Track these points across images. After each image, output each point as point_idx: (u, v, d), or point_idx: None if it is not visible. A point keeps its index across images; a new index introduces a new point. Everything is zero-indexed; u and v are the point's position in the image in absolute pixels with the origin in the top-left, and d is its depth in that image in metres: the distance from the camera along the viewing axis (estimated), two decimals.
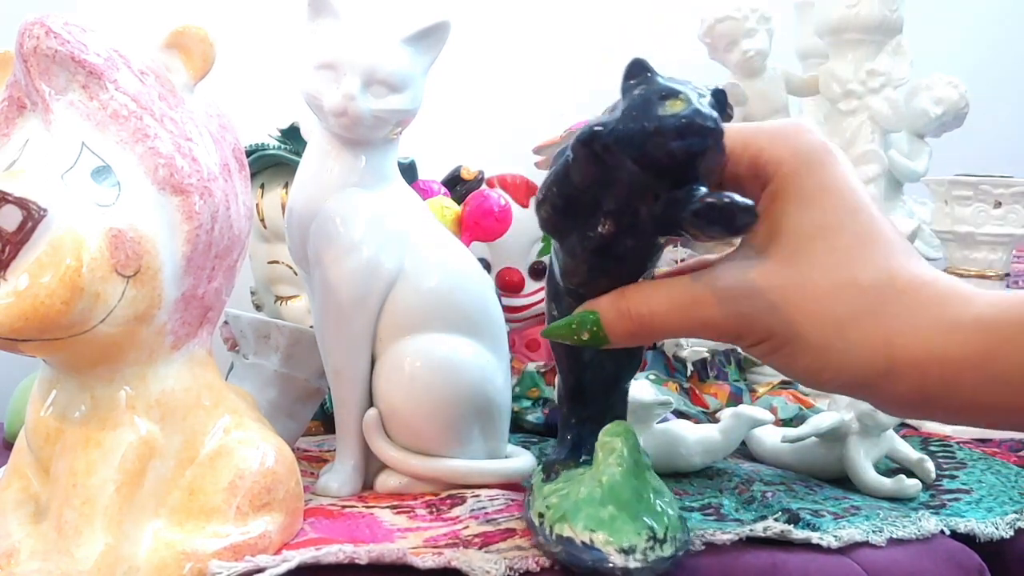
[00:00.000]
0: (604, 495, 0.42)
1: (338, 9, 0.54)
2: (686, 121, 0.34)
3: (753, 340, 0.36)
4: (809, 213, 0.36)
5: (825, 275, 0.35)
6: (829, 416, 0.60)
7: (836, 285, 0.35)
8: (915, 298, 0.34)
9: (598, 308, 0.39)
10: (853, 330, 0.34)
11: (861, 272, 0.35)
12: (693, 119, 0.34)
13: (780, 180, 0.37)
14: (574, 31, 1.06)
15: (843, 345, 0.34)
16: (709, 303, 0.36)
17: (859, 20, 0.84)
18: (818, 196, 0.36)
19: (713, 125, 0.35)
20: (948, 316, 0.34)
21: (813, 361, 0.35)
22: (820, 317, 0.35)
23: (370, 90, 0.53)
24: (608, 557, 0.40)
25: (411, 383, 0.55)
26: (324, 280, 0.55)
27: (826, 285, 0.35)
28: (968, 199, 0.77)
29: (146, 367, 0.43)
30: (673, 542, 0.41)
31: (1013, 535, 0.51)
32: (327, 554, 0.42)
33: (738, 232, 0.34)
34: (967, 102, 0.94)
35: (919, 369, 0.34)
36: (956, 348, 0.33)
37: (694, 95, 0.36)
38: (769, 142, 0.37)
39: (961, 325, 0.33)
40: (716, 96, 0.37)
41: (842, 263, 0.35)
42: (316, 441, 0.70)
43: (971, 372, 0.33)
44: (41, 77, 0.40)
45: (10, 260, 0.37)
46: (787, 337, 0.35)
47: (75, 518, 0.40)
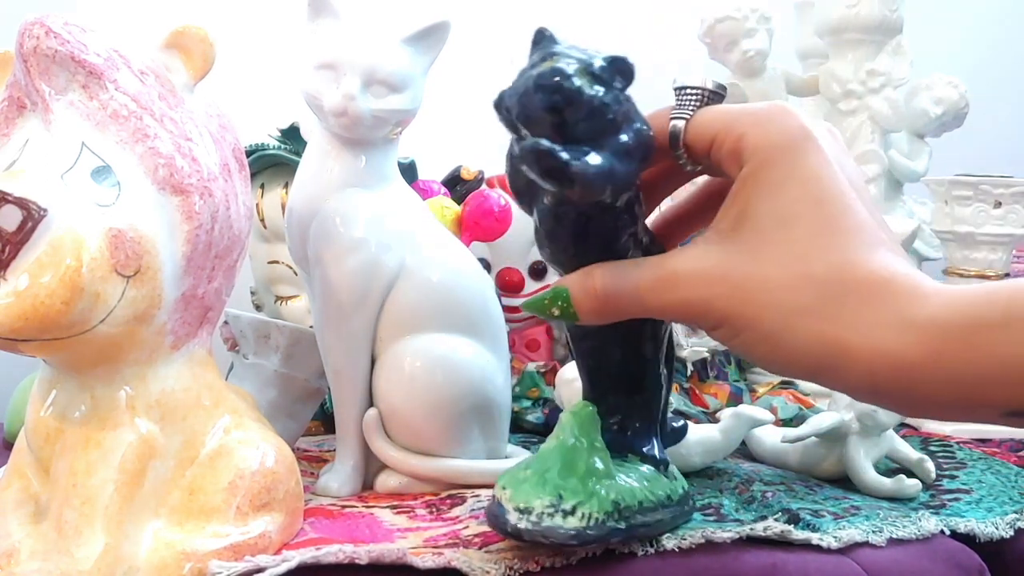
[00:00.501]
0: (531, 460, 0.44)
1: (338, 9, 0.54)
2: (543, 77, 0.37)
3: (712, 324, 0.37)
4: (773, 202, 0.37)
5: (781, 267, 0.36)
6: (829, 416, 0.60)
7: (791, 277, 0.35)
8: (869, 294, 0.34)
9: (567, 284, 0.40)
10: (805, 323, 0.35)
11: (816, 265, 0.35)
12: (548, 75, 0.37)
13: (753, 166, 0.37)
14: (574, 31, 1.06)
15: (794, 337, 0.35)
16: (672, 286, 0.38)
17: (859, 20, 0.84)
18: (784, 186, 0.37)
19: (565, 82, 0.37)
20: (902, 315, 0.34)
21: (767, 350, 0.36)
22: (774, 308, 0.36)
23: (370, 90, 0.53)
24: (506, 513, 0.41)
25: (411, 383, 0.55)
26: (324, 280, 0.55)
27: (781, 277, 0.36)
28: (968, 199, 0.77)
29: (146, 367, 0.43)
30: (584, 519, 0.41)
31: (1013, 535, 0.51)
32: (327, 554, 0.42)
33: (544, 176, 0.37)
34: (967, 102, 0.94)
35: (870, 366, 0.34)
36: (908, 348, 0.33)
37: (571, 59, 0.38)
38: (752, 126, 0.38)
39: (914, 325, 0.33)
40: (614, 63, 0.38)
41: (798, 256, 0.36)
42: (316, 441, 0.70)
43: (922, 372, 0.33)
44: (41, 77, 0.40)
45: (10, 260, 0.37)
46: (742, 325, 0.36)
47: (75, 518, 0.40)
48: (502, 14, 1.03)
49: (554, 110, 0.37)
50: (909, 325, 0.33)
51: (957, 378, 0.33)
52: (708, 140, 0.39)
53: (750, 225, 0.37)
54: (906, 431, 0.72)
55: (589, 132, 0.38)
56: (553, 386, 0.71)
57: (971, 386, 0.33)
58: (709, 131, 0.39)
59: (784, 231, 0.36)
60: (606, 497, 0.42)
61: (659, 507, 0.45)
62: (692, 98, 0.41)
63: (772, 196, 0.37)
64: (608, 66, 0.38)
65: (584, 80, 0.37)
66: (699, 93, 0.41)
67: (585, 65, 0.38)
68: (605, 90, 0.38)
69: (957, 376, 0.33)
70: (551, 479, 0.42)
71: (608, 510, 0.42)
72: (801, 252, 0.36)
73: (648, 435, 0.48)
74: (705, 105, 0.41)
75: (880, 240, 0.36)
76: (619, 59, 0.39)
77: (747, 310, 0.36)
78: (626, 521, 0.42)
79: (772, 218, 0.36)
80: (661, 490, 0.46)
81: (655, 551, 0.45)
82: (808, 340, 0.35)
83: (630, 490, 0.43)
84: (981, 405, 0.33)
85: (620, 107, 0.38)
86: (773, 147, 0.37)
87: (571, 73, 0.37)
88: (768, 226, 0.36)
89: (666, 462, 0.48)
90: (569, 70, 0.37)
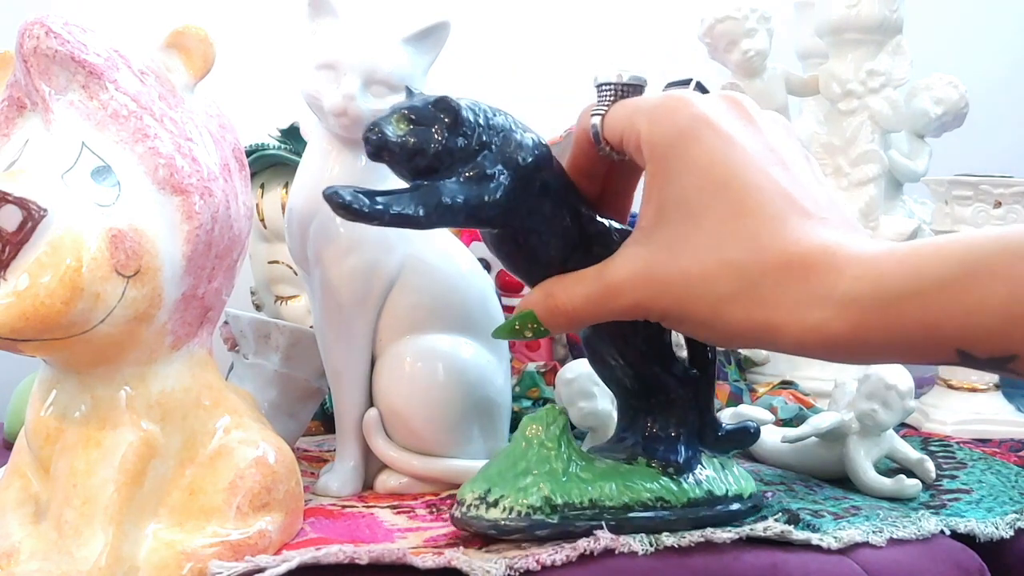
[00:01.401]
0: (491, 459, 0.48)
1: (338, 9, 0.54)
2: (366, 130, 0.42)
3: (657, 318, 0.39)
4: (677, 195, 0.38)
5: (697, 259, 0.37)
6: (829, 416, 0.60)
7: (708, 268, 0.36)
8: (786, 274, 0.35)
9: (531, 307, 0.43)
10: (731, 309, 0.36)
11: (729, 252, 0.36)
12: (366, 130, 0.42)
13: (653, 162, 0.38)
14: (574, 31, 1.06)
15: (725, 323, 0.36)
16: (614, 294, 0.39)
17: (859, 20, 0.84)
18: (684, 177, 0.37)
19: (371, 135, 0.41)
20: (818, 292, 0.34)
21: (709, 335, 0.39)
22: (699, 300, 0.37)
23: (370, 90, 0.53)
24: (456, 504, 0.46)
25: (411, 383, 0.55)
26: (324, 280, 0.55)
27: (699, 269, 0.37)
28: (968, 199, 0.77)
29: (146, 367, 0.43)
30: (506, 511, 0.44)
31: (1013, 535, 0.51)
32: (327, 554, 0.42)
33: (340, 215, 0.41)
34: (967, 102, 0.94)
35: (800, 342, 0.35)
36: (830, 323, 0.34)
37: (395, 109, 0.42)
38: (647, 123, 0.39)
39: (832, 300, 0.34)
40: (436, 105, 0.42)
41: (711, 245, 0.36)
42: (316, 441, 0.70)
43: (849, 344, 0.34)
44: (41, 77, 0.40)
45: (10, 260, 0.37)
46: (678, 317, 0.38)
47: (75, 518, 0.40)
48: (502, 14, 1.03)
49: (377, 156, 0.41)
50: (827, 301, 0.34)
51: (883, 348, 0.34)
52: (618, 137, 0.41)
53: (664, 220, 0.38)
54: (906, 431, 0.72)
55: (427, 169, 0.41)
56: (553, 386, 0.71)
57: (899, 354, 0.34)
58: (618, 128, 0.41)
59: (693, 221, 0.37)
60: (536, 493, 0.44)
61: (627, 507, 0.46)
62: (607, 93, 0.43)
63: (675, 189, 0.38)
64: (431, 108, 0.42)
65: (399, 127, 0.41)
66: (613, 88, 0.43)
67: (404, 113, 0.41)
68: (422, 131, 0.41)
69: (883, 346, 0.34)
70: (488, 474, 0.46)
71: (536, 504, 0.44)
72: (713, 241, 0.36)
73: (665, 439, 0.49)
74: (621, 98, 0.42)
75: (799, 207, 0.36)
76: (440, 100, 0.42)
77: (677, 305, 0.38)
78: (560, 516, 0.45)
79: (680, 211, 0.37)
80: (649, 492, 0.47)
81: (655, 550, 0.45)
82: (739, 323, 0.36)
83: (580, 490, 0.45)
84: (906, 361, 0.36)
85: (447, 143, 0.41)
86: (666, 141, 0.38)
87: (383, 124, 0.41)
88: (678, 219, 0.37)
89: (679, 465, 0.48)
90: (384, 121, 0.41)
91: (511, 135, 0.43)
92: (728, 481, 0.50)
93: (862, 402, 0.59)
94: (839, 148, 0.87)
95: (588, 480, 0.46)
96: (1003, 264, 0.31)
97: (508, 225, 0.44)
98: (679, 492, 0.47)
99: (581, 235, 0.45)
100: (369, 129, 0.41)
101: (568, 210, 0.45)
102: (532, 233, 0.44)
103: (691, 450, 0.49)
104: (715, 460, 0.51)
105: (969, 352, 0.32)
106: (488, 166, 0.42)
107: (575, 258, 0.44)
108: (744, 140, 0.37)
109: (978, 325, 0.31)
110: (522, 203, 0.43)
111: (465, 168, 0.42)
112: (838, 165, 0.87)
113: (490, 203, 0.42)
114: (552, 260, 0.44)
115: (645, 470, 0.48)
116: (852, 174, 0.86)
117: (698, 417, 0.50)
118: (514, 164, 0.43)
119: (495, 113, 0.44)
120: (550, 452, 0.46)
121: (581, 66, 1.03)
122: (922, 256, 0.33)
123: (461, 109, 0.42)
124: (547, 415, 0.47)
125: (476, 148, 0.42)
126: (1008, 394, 0.77)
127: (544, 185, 0.44)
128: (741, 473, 0.51)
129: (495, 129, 0.43)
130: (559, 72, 1.01)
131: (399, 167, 0.42)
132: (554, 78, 1.00)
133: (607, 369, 0.50)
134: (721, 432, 0.51)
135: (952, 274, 0.32)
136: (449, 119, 0.42)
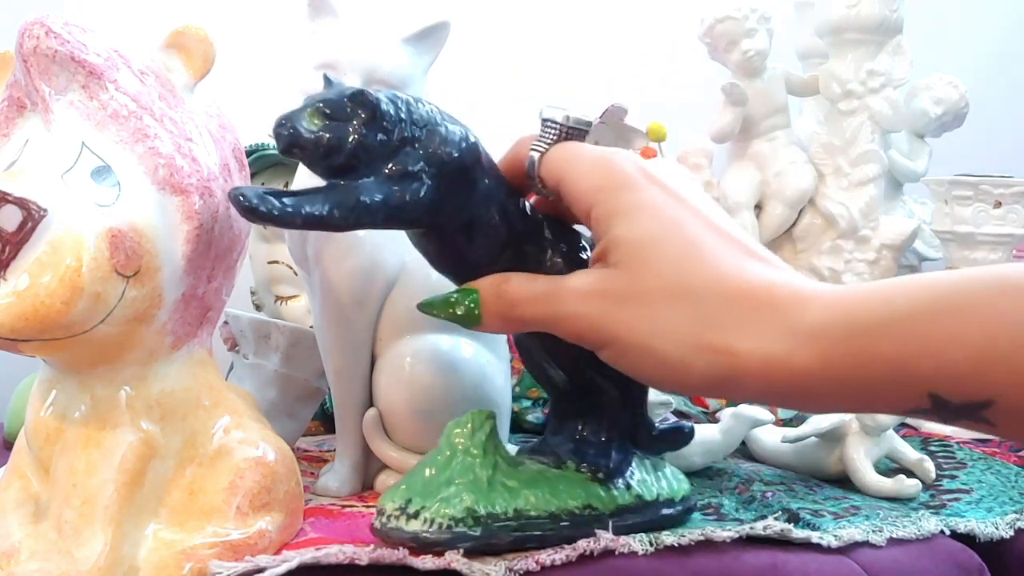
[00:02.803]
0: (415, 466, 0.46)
1: (338, 9, 0.54)
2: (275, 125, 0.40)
3: (599, 343, 0.37)
4: (633, 226, 0.37)
5: (658, 280, 0.36)
6: (829, 416, 0.60)
7: (669, 290, 0.35)
8: (751, 304, 0.34)
9: (479, 286, 0.41)
10: (690, 333, 0.35)
11: (691, 278, 0.35)
12: (276, 124, 0.40)
13: (601, 206, 0.38)
14: (574, 31, 1.06)
15: (683, 354, 0.35)
16: (564, 300, 0.38)
17: (859, 20, 0.84)
18: (637, 211, 0.37)
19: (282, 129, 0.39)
20: (784, 324, 0.33)
21: (657, 369, 0.36)
22: (658, 321, 0.35)
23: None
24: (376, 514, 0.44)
25: (411, 383, 0.55)
26: (324, 280, 0.55)
27: (659, 290, 0.36)
28: (968, 199, 0.77)
29: (146, 367, 0.43)
30: (426, 523, 0.42)
31: (1013, 535, 0.51)
32: (328, 555, 0.42)
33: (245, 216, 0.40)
34: (967, 102, 0.94)
35: (763, 377, 0.34)
36: (796, 355, 0.33)
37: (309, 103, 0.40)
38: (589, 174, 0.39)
39: (799, 332, 0.33)
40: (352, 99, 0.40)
41: (672, 272, 0.36)
42: (316, 441, 0.70)
43: (814, 378, 0.33)
44: (41, 77, 0.40)
45: (10, 260, 0.37)
46: (629, 344, 0.36)
47: (75, 518, 0.40)
48: (502, 14, 1.03)
49: (288, 153, 0.39)
50: (794, 332, 0.33)
51: (852, 387, 0.32)
52: (555, 180, 0.40)
53: (620, 253, 0.37)
54: (906, 431, 0.72)
55: (344, 167, 0.39)
56: None
57: (863, 389, 0.32)
58: (557, 172, 0.40)
59: (653, 249, 0.36)
60: (458, 504, 0.43)
61: (553, 517, 0.45)
62: (551, 131, 0.42)
63: (632, 221, 0.37)
64: (347, 101, 0.40)
65: (313, 122, 0.39)
66: (557, 128, 0.41)
67: (318, 107, 0.39)
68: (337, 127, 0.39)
69: (851, 385, 0.32)
70: (409, 484, 0.44)
71: (458, 516, 0.42)
72: (674, 268, 0.36)
73: (595, 442, 0.48)
74: (563, 140, 0.41)
75: (751, 252, 0.36)
76: (357, 93, 0.40)
77: (632, 328, 0.36)
78: (483, 528, 0.43)
79: (638, 244, 0.37)
80: (575, 500, 0.45)
81: (655, 550, 0.45)
82: (700, 357, 0.34)
83: (505, 499, 0.44)
84: (877, 407, 0.33)
85: (365, 138, 0.39)
86: (616, 186, 0.38)
87: (295, 118, 0.39)
88: (635, 252, 0.37)
89: (609, 470, 0.47)
90: (297, 115, 0.39)
91: (436, 129, 0.41)
92: (660, 484, 0.49)
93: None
94: (839, 148, 0.87)
95: (514, 488, 0.44)
96: (979, 300, 0.30)
97: (433, 225, 0.42)
98: (607, 498, 0.46)
99: (511, 233, 0.43)
100: (279, 123, 0.39)
101: (497, 208, 0.43)
102: (458, 232, 0.42)
103: (622, 454, 0.48)
104: (647, 462, 0.50)
105: (942, 396, 0.31)
106: (411, 163, 0.40)
107: (505, 257, 0.43)
108: (687, 194, 0.38)
109: (952, 364, 0.30)
110: (448, 202, 0.41)
111: (386, 166, 0.40)
112: (838, 165, 0.87)
113: (413, 203, 0.40)
114: (480, 260, 0.42)
115: (573, 475, 0.47)
116: (852, 174, 0.86)
117: (631, 418, 0.48)
118: (439, 160, 0.40)
119: (418, 105, 0.41)
120: (475, 460, 0.44)
121: (581, 66, 1.03)
122: (894, 289, 0.32)
123: (380, 102, 0.40)
124: (473, 419, 0.45)
125: (397, 144, 0.40)
126: None
127: (472, 182, 0.42)
128: (675, 474, 0.50)
129: (418, 123, 0.41)
130: (559, 72, 1.01)
131: (314, 165, 0.40)
132: (554, 78, 1.00)
133: (539, 370, 0.49)
134: (655, 433, 0.50)
135: (925, 307, 0.31)
136: (367, 113, 0.39)
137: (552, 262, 0.44)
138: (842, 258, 0.87)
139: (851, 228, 0.86)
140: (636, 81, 1.00)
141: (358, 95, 0.40)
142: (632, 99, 0.77)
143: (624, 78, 1.01)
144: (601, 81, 0.99)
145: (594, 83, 0.98)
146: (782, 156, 0.88)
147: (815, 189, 0.87)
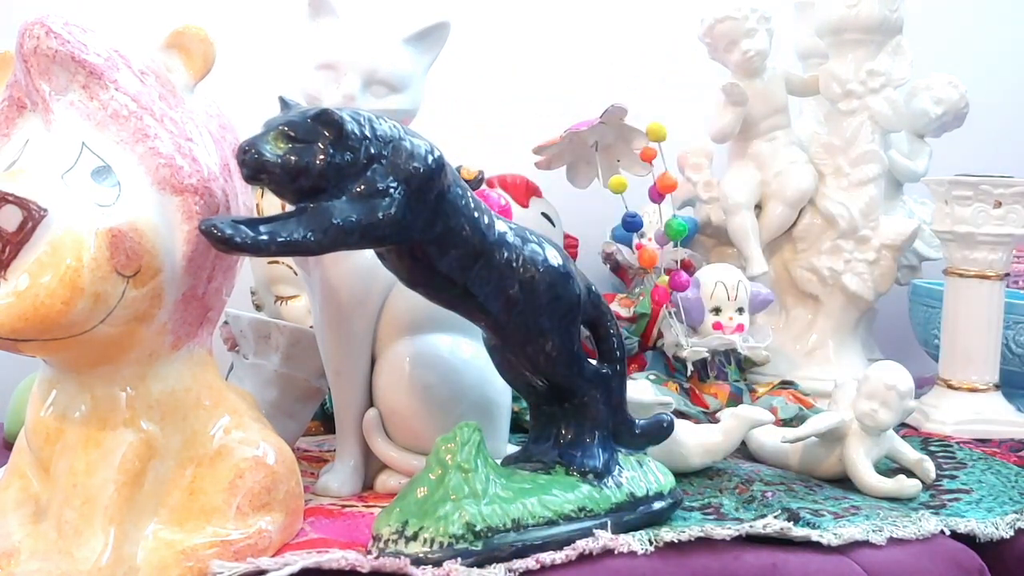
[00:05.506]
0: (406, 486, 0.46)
1: (338, 9, 0.54)
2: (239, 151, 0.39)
3: None
4: None
5: None
6: (829, 416, 0.60)
7: None
8: None
9: None
10: None
11: None
12: (240, 150, 0.39)
13: None
14: (574, 32, 1.06)
15: None
16: None
17: (859, 20, 0.84)
18: None
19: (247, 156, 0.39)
20: None
21: None
22: None
23: (370, 90, 0.53)
24: (372, 540, 0.43)
25: (411, 383, 0.55)
26: (324, 280, 0.55)
27: None
28: (968, 199, 0.77)
29: (146, 367, 0.43)
30: (427, 543, 0.42)
31: (1013, 535, 0.51)
32: (330, 560, 0.42)
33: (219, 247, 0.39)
34: (967, 102, 0.94)
35: None
36: None
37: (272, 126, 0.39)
38: None
39: None
40: (316, 119, 0.39)
41: None
42: (316, 441, 0.70)
43: None
44: (41, 77, 0.40)
45: (10, 260, 0.37)
46: None
47: (75, 518, 0.40)
48: (502, 14, 1.03)
49: (255, 179, 0.39)
50: None
51: None
52: None
53: None
54: (906, 431, 0.72)
55: (312, 189, 0.39)
56: None
57: None
58: None
59: None
60: (457, 520, 0.42)
61: (551, 523, 0.45)
62: None
63: None
64: (312, 122, 0.39)
65: (278, 145, 0.38)
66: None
67: (281, 129, 0.39)
68: (303, 149, 0.38)
69: None
70: (402, 506, 0.44)
71: (457, 533, 0.42)
72: None
73: (581, 444, 0.48)
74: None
75: None
76: (321, 113, 0.39)
77: None
78: (484, 542, 0.43)
79: None
80: (570, 503, 0.46)
81: (655, 549, 0.45)
82: None
83: (502, 511, 0.44)
84: None
85: (332, 159, 0.39)
86: None
87: (258, 143, 0.38)
88: None
89: (599, 471, 0.47)
90: (259, 140, 0.39)
91: (400, 144, 0.41)
92: (648, 479, 0.49)
93: (862, 402, 0.59)
94: (839, 148, 0.87)
95: (508, 499, 0.44)
96: None
97: (405, 240, 0.42)
98: (601, 499, 0.47)
99: (483, 243, 0.43)
100: (243, 150, 0.38)
101: (466, 218, 0.43)
102: (431, 245, 0.42)
103: (608, 452, 0.48)
104: (631, 458, 0.50)
105: None
106: (379, 180, 0.40)
107: (479, 266, 0.43)
108: None
109: None
110: (419, 215, 0.41)
111: (355, 185, 0.39)
112: (838, 165, 0.87)
113: (385, 220, 0.40)
114: (453, 273, 0.43)
115: (564, 479, 0.47)
116: (852, 174, 0.86)
117: (612, 416, 0.49)
118: (406, 175, 0.40)
119: (380, 121, 0.41)
120: (468, 475, 0.44)
121: (581, 66, 1.03)
122: None
123: (345, 122, 0.39)
124: (461, 434, 0.45)
125: (365, 162, 0.40)
126: (1008, 394, 0.77)
127: (440, 195, 0.42)
128: (659, 468, 0.51)
129: (383, 140, 0.40)
130: (559, 72, 1.01)
131: (281, 189, 0.39)
132: (554, 78, 1.00)
133: (516, 375, 0.49)
134: (637, 429, 0.50)
135: None
136: (332, 133, 0.39)
137: (524, 268, 0.45)
138: (842, 258, 0.87)
139: (851, 228, 0.86)
140: (636, 81, 1.00)
141: (323, 114, 0.39)
142: (632, 99, 0.77)
143: (624, 78, 1.01)
144: (601, 81, 0.99)
145: (594, 83, 0.98)
146: (782, 156, 0.88)
147: (815, 189, 0.87)
